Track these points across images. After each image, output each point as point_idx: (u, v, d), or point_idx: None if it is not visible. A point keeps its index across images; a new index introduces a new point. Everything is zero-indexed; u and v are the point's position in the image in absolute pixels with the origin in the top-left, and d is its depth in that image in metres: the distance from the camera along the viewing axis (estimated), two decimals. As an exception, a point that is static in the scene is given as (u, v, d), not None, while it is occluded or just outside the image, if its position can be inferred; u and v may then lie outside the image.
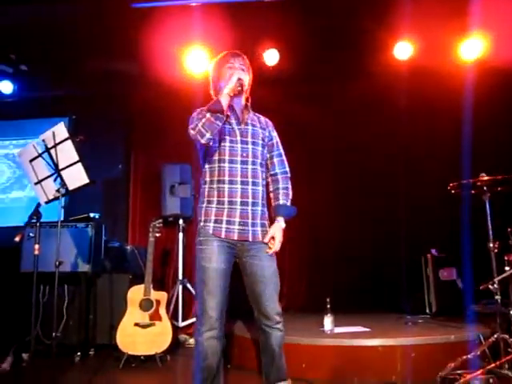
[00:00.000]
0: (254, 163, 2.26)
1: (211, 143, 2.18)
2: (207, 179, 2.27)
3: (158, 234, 3.73)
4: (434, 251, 4.23)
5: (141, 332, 3.51)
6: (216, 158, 2.24)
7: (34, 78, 5.16)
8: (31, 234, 3.50)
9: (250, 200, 2.22)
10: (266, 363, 2.26)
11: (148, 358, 3.50)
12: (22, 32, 4.39)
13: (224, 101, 2.12)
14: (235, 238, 2.19)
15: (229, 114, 2.23)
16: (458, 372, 2.68)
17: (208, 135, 2.10)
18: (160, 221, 3.78)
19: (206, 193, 2.26)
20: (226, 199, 2.20)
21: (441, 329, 3.44)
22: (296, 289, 4.82)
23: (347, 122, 4.94)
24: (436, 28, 4.38)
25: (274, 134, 2.43)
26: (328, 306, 3.31)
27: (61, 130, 2.59)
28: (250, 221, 2.22)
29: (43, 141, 2.65)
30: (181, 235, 4.58)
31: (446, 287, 4.08)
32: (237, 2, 3.98)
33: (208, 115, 2.10)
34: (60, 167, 2.63)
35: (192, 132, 2.15)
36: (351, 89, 4.77)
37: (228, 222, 2.19)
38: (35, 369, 2.78)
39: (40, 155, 2.68)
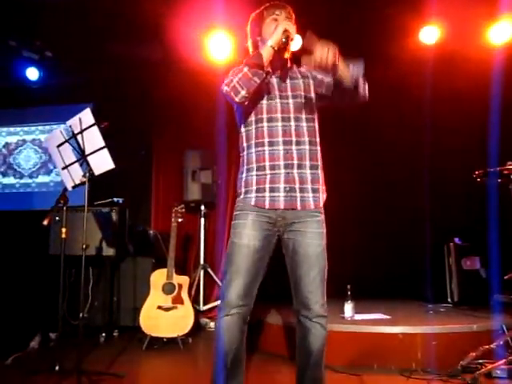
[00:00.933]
0: (297, 119, 1.95)
1: (246, 102, 1.88)
2: (244, 145, 1.99)
3: (180, 220, 3.78)
4: (457, 240, 4.17)
5: (163, 315, 3.58)
6: (252, 118, 1.96)
7: (58, 64, 5.23)
8: (57, 218, 3.58)
9: (296, 162, 1.91)
10: (300, 369, 1.93)
11: (170, 340, 3.58)
12: (46, 18, 4.43)
13: (266, 54, 1.83)
14: (281, 206, 1.88)
15: (269, 70, 1.92)
16: (480, 361, 2.67)
17: (243, 92, 1.81)
18: (182, 206, 3.83)
19: (246, 160, 1.98)
20: (267, 164, 1.90)
21: (463, 318, 3.41)
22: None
23: (371, 109, 4.86)
24: (464, 11, 4.25)
25: (317, 73, 2.05)
26: (349, 292, 3.31)
27: (87, 116, 2.64)
28: (297, 186, 1.90)
29: (70, 127, 2.70)
30: (202, 221, 4.63)
31: (469, 277, 4.03)
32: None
33: (246, 69, 1.81)
34: (86, 153, 2.69)
35: (226, 88, 1.85)
36: (375, 74, 4.66)
37: (271, 190, 1.89)
38: (62, 348, 2.87)
39: (67, 141, 2.73)
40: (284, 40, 1.84)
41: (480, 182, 3.01)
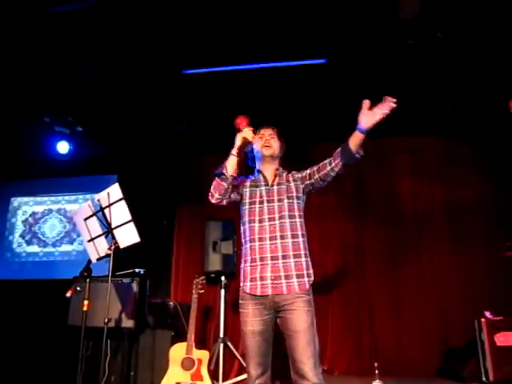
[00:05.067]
0: (281, 218, 2.37)
1: (224, 202, 2.39)
2: (242, 240, 2.44)
3: (201, 291, 3.73)
4: (488, 314, 3.98)
5: (182, 392, 3.43)
6: (247, 218, 2.42)
7: (87, 137, 5.47)
8: (79, 288, 3.57)
9: (280, 254, 2.31)
10: None
11: (189, 419, 3.40)
12: (78, 96, 4.71)
13: (229, 163, 2.32)
14: (269, 292, 2.26)
15: (234, 175, 2.37)
16: None
17: (217, 195, 2.35)
18: (203, 278, 3.79)
19: (243, 253, 2.42)
20: (257, 256, 2.33)
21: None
22: (340, 350, 4.60)
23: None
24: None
25: (300, 174, 2.50)
26: (376, 371, 3.16)
27: (115, 190, 2.72)
28: (282, 274, 2.29)
29: (98, 200, 2.78)
30: (223, 292, 4.54)
31: (504, 354, 3.80)
32: (285, 66, 4.10)
33: (216, 178, 2.34)
34: (113, 226, 2.73)
35: (209, 195, 2.39)
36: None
37: (262, 279, 2.29)
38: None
39: (94, 214, 2.80)
40: (241, 145, 2.32)
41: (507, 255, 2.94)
